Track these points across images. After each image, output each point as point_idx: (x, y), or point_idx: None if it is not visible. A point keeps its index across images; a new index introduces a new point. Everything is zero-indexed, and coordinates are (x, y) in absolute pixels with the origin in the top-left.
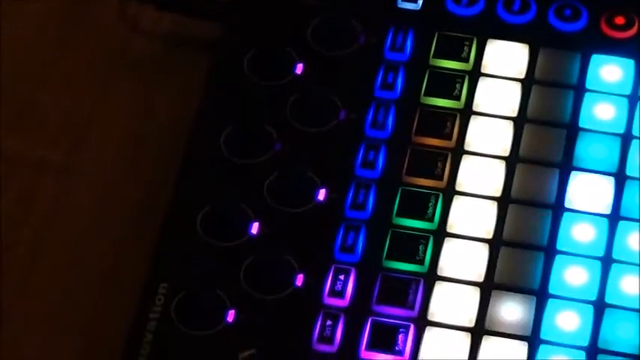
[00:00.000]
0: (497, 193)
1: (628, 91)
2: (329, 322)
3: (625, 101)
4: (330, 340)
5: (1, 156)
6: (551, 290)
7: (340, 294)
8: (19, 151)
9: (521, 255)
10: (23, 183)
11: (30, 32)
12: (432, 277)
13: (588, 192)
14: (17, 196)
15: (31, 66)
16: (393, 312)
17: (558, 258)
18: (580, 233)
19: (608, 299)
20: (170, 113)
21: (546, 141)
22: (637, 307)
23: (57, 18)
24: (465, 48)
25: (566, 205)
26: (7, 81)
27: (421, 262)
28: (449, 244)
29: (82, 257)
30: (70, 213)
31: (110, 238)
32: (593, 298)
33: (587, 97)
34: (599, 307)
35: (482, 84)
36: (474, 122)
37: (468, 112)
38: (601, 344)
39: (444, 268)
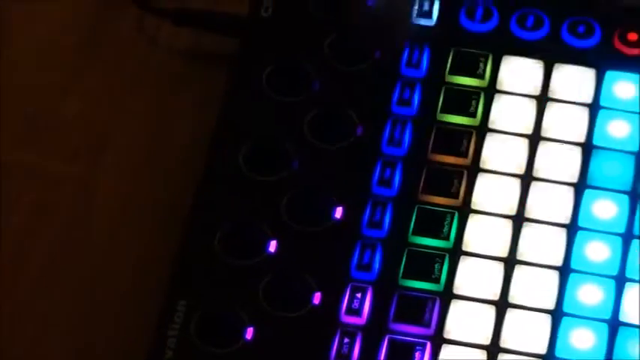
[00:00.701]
0: (513, 212)
1: None
2: (346, 340)
3: (638, 118)
4: (347, 357)
5: (20, 168)
6: (566, 309)
7: (357, 312)
8: (36, 163)
9: (536, 274)
10: (41, 195)
11: (49, 45)
12: (447, 295)
13: (602, 211)
14: (34, 208)
15: (49, 78)
16: (409, 330)
17: (572, 276)
18: (594, 252)
19: (622, 318)
20: (188, 127)
21: (561, 158)
22: None
23: (77, 31)
24: (481, 65)
25: (580, 223)
26: (26, 93)
27: (437, 280)
28: (464, 263)
29: (101, 270)
30: (88, 226)
31: (128, 251)
32: (608, 316)
33: (601, 115)
34: (614, 325)
35: (498, 101)
36: (490, 139)
37: (483, 129)
38: None
39: (460, 286)
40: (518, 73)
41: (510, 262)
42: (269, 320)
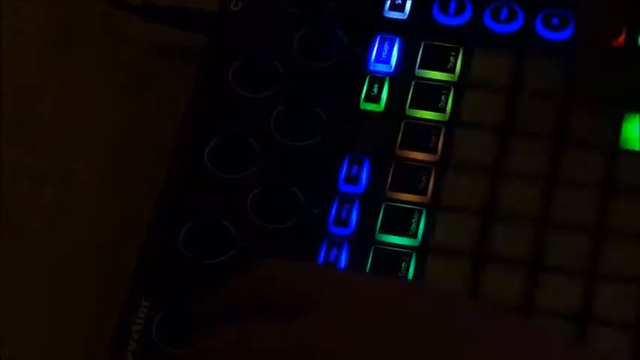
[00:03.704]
0: (482, 208)
1: (614, 101)
2: None
3: (611, 112)
4: None
5: (6, 166)
6: (538, 305)
7: None
8: (18, 162)
9: (506, 271)
10: (22, 193)
11: (27, 42)
12: None
13: (575, 205)
14: (17, 206)
15: (24, 77)
16: None
17: (545, 273)
18: (567, 248)
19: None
20: (156, 123)
21: (533, 153)
22: None
23: (48, 29)
24: (451, 59)
25: (552, 219)
26: (5, 92)
27: (404, 278)
28: (432, 261)
29: (81, 267)
30: (68, 223)
31: (108, 249)
32: (579, 313)
33: (575, 108)
34: (585, 322)
35: (468, 95)
36: (459, 135)
37: (453, 124)
38: None
39: (428, 285)
40: (490, 66)
41: (479, 259)
42: None
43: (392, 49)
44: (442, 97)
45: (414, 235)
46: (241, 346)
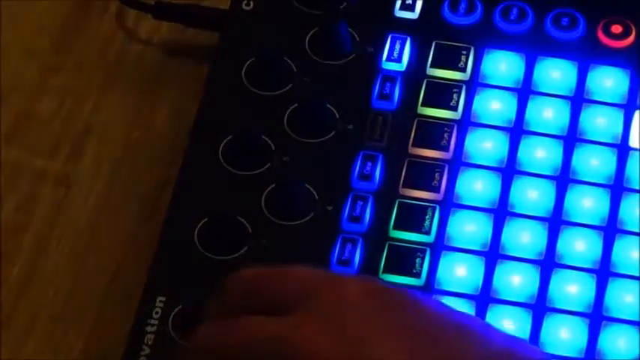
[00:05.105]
0: (494, 206)
1: (624, 101)
2: None
3: (621, 112)
4: None
5: (6, 165)
6: (549, 303)
7: None
8: (18, 161)
9: (518, 268)
10: (23, 192)
11: (28, 41)
12: (429, 290)
13: (585, 204)
14: (17, 205)
15: (29, 73)
16: None
17: (555, 272)
18: (578, 247)
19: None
20: (168, 122)
21: (543, 152)
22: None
23: (55, 26)
24: (462, 58)
25: (563, 217)
26: (6, 90)
27: (418, 275)
28: (446, 258)
29: (81, 267)
30: (69, 222)
31: (109, 247)
32: (589, 310)
33: (585, 107)
34: (596, 319)
35: (479, 94)
36: (472, 133)
37: (464, 122)
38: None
39: (442, 281)
40: (501, 66)
41: (492, 256)
42: None
43: (403, 48)
44: (454, 96)
45: (428, 232)
46: (223, 335)
